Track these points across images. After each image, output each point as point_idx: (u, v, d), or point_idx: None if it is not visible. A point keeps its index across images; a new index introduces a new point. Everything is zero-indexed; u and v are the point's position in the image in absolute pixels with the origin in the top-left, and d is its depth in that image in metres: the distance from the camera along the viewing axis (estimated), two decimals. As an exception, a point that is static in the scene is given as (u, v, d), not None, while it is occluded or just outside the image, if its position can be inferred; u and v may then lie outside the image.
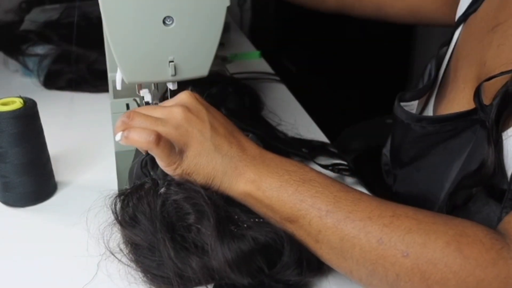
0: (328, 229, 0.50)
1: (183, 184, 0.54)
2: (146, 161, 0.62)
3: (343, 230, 0.49)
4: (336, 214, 0.49)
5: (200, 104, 0.56)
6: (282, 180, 0.53)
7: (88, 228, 0.60)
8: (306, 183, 0.52)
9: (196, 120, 0.54)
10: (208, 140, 0.54)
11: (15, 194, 0.67)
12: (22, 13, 1.23)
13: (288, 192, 0.52)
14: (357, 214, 0.49)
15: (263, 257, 0.51)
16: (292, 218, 0.52)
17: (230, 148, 0.54)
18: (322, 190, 0.51)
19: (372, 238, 0.47)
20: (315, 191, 0.51)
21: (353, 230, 0.48)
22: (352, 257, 0.49)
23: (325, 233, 0.50)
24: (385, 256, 0.47)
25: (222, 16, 0.59)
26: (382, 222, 0.48)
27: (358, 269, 0.49)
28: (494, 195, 0.52)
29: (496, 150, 0.52)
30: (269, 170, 0.53)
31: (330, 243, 0.50)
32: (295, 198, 0.51)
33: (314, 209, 0.50)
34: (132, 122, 0.53)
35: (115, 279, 0.55)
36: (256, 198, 0.53)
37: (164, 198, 0.54)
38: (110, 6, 0.55)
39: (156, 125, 0.53)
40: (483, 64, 0.60)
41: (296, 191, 0.52)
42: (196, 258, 0.51)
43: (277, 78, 1.07)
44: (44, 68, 1.03)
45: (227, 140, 0.55)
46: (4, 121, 0.62)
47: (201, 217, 0.52)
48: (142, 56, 0.59)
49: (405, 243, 0.46)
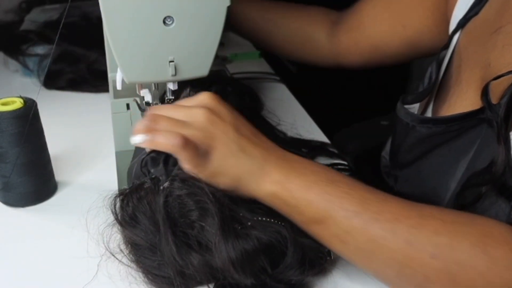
0: (355, 230, 0.50)
1: (187, 180, 0.54)
2: (145, 161, 0.62)
3: (371, 231, 0.49)
4: (364, 215, 0.49)
5: (221, 105, 0.56)
6: (308, 180, 0.52)
7: (88, 229, 0.60)
8: (332, 183, 0.52)
9: (219, 121, 0.54)
10: (233, 142, 0.53)
11: (15, 194, 0.67)
12: (22, 13, 1.23)
13: (315, 192, 0.52)
14: (384, 215, 0.49)
15: (267, 257, 0.51)
16: (318, 218, 0.51)
17: (254, 149, 0.54)
18: (349, 190, 0.51)
19: (400, 240, 0.48)
20: (341, 192, 0.51)
21: (380, 231, 0.48)
22: (379, 258, 0.49)
23: (353, 234, 0.50)
24: (413, 257, 0.47)
25: (223, 16, 0.59)
26: (409, 223, 0.48)
27: (385, 270, 0.50)
28: (504, 193, 0.52)
29: (506, 148, 0.52)
30: (295, 171, 0.53)
31: (357, 244, 0.50)
32: (322, 199, 0.51)
33: (342, 210, 0.50)
34: (156, 126, 0.53)
35: (115, 280, 0.55)
36: (283, 199, 0.53)
37: (167, 192, 0.54)
38: (110, 6, 0.55)
39: (181, 128, 0.52)
40: (488, 66, 0.60)
41: (323, 191, 0.51)
42: (197, 256, 0.51)
43: (277, 78, 1.07)
44: (44, 68, 1.03)
45: (251, 141, 0.55)
46: (4, 121, 0.62)
47: (205, 214, 0.51)
48: (142, 56, 0.58)
49: (433, 245, 0.46)
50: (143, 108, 0.68)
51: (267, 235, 0.52)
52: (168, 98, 0.65)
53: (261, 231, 0.52)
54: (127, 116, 0.70)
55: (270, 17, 0.98)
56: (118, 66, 0.60)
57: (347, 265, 0.57)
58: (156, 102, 0.66)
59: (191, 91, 0.69)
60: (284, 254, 0.52)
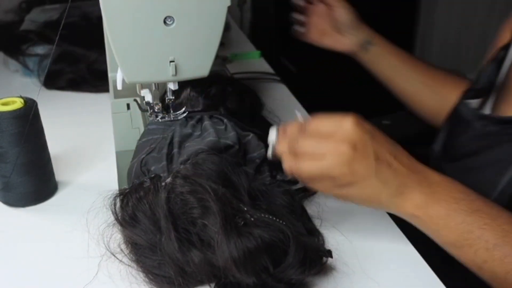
0: (494, 261, 0.51)
1: (189, 177, 0.54)
2: (145, 160, 0.62)
3: (510, 264, 0.50)
4: (504, 248, 0.50)
5: (366, 133, 0.54)
6: (449, 209, 0.53)
7: (88, 229, 0.60)
8: (474, 213, 0.53)
9: (361, 158, 0.53)
10: (373, 177, 0.54)
11: (15, 194, 0.67)
12: (22, 13, 1.23)
13: (455, 221, 0.53)
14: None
15: (269, 256, 0.51)
16: (457, 245, 0.53)
17: (395, 177, 0.54)
18: (490, 222, 0.52)
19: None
20: (483, 223, 0.52)
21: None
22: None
23: (491, 264, 0.51)
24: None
25: (223, 16, 0.59)
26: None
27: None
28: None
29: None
30: (436, 197, 0.54)
31: (494, 274, 0.51)
32: (462, 228, 0.52)
33: (481, 241, 0.51)
34: (299, 149, 0.54)
35: (116, 280, 0.55)
36: (423, 222, 0.54)
37: (169, 188, 0.54)
38: (111, 6, 0.55)
39: (320, 161, 0.52)
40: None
41: (463, 221, 0.52)
42: (198, 253, 0.51)
43: (277, 78, 1.07)
44: (44, 68, 1.03)
45: (392, 167, 0.54)
46: (5, 121, 0.62)
47: (207, 212, 0.52)
48: (142, 56, 0.59)
49: None
50: (143, 108, 0.68)
51: (270, 234, 0.52)
52: (169, 98, 0.65)
53: (263, 229, 0.52)
54: (127, 116, 0.70)
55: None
56: (119, 66, 0.60)
57: (347, 265, 0.57)
58: (156, 102, 0.66)
59: (191, 91, 0.69)
60: (286, 253, 0.52)
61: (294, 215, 0.57)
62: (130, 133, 0.70)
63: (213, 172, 0.55)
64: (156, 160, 0.61)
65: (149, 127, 0.65)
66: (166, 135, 0.63)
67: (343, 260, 0.57)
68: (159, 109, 0.66)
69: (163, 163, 0.60)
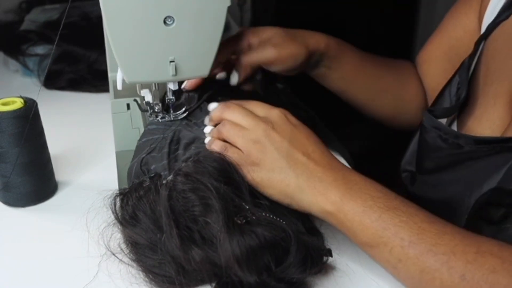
0: (409, 260, 0.49)
1: (190, 175, 0.54)
2: (145, 160, 0.62)
3: (425, 262, 0.48)
4: (419, 246, 0.49)
5: (287, 123, 0.57)
6: (365, 205, 0.52)
7: (88, 228, 0.60)
8: (390, 210, 0.52)
9: (277, 138, 0.56)
10: (283, 158, 0.55)
11: (15, 194, 0.67)
12: (22, 13, 1.24)
13: (371, 218, 0.51)
14: (440, 247, 0.48)
15: (271, 255, 0.51)
16: (372, 243, 0.52)
17: (307, 167, 0.55)
18: (406, 219, 0.51)
19: (455, 274, 0.47)
20: (398, 220, 0.51)
21: (435, 263, 0.48)
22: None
23: (405, 263, 0.50)
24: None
25: (223, 16, 0.59)
26: (465, 258, 0.47)
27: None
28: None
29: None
30: (352, 194, 0.53)
31: (409, 273, 0.50)
32: (378, 225, 0.51)
33: (397, 238, 0.50)
34: (222, 128, 0.59)
35: (116, 279, 0.55)
36: (337, 220, 0.53)
37: (171, 186, 0.54)
38: (111, 6, 0.55)
39: (237, 137, 0.57)
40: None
41: (379, 218, 0.51)
42: (200, 252, 0.51)
43: (277, 78, 1.07)
44: (44, 68, 1.03)
45: (310, 158, 0.55)
46: (5, 121, 0.62)
47: (209, 210, 0.52)
48: (142, 56, 0.59)
49: (489, 283, 0.45)
50: (143, 108, 0.68)
51: (272, 233, 0.52)
52: (169, 98, 0.65)
53: (265, 228, 0.52)
54: (127, 116, 0.70)
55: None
56: (119, 66, 0.60)
57: (347, 265, 0.57)
58: (156, 102, 0.66)
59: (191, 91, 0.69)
60: (287, 252, 0.52)
61: (295, 214, 0.57)
62: (130, 133, 0.70)
63: (214, 170, 0.55)
64: (157, 159, 0.61)
65: (149, 127, 0.66)
66: (167, 135, 0.63)
67: (344, 260, 0.57)
68: (159, 109, 0.66)
69: (163, 162, 0.60)
